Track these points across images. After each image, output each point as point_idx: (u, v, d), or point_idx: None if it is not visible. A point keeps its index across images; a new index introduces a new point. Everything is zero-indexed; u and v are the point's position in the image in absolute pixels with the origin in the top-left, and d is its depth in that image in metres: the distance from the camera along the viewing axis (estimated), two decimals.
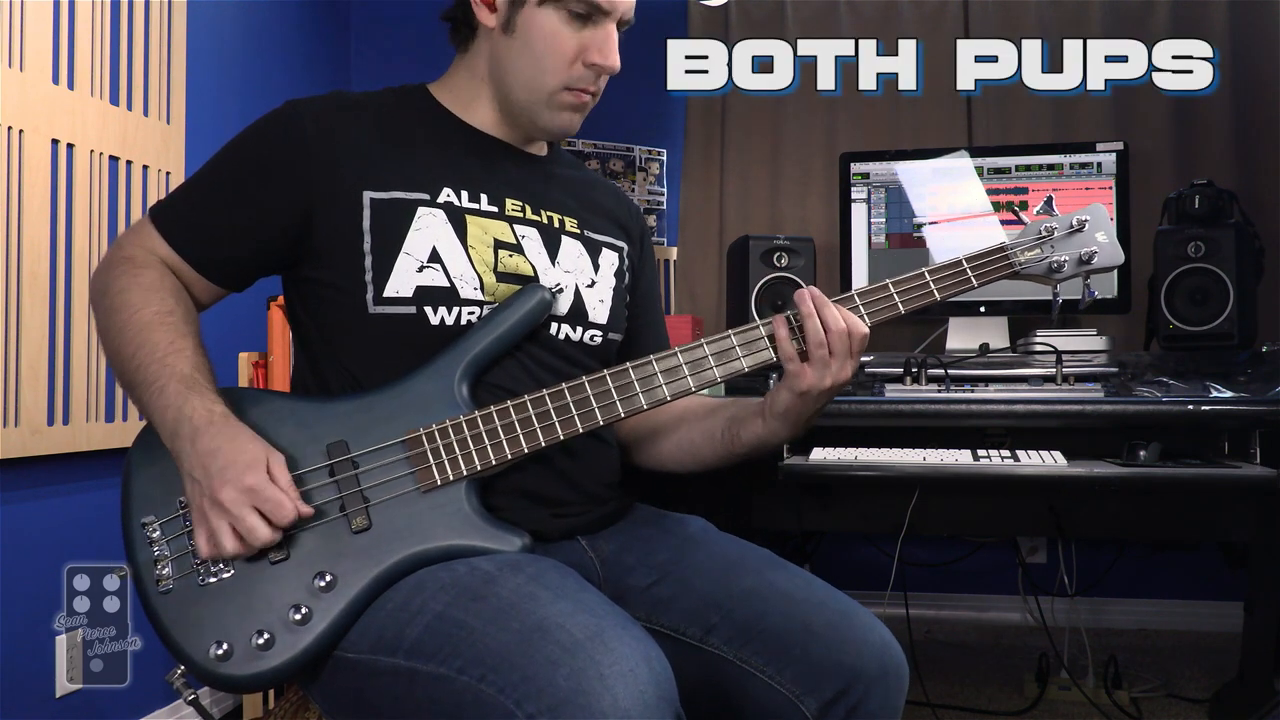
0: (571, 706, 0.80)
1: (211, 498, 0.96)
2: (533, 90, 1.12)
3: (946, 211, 2.23)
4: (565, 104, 1.13)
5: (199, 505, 0.97)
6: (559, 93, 1.12)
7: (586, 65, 1.10)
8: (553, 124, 1.14)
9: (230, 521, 0.95)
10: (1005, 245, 1.13)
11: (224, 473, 0.95)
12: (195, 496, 0.98)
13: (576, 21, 1.09)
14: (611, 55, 1.10)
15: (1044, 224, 1.13)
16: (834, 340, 1.07)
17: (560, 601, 0.89)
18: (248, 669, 0.97)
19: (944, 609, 2.77)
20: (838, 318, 1.07)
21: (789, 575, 1.09)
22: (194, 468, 0.97)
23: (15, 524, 1.73)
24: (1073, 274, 1.13)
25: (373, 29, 2.93)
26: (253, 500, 0.95)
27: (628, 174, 2.77)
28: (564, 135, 1.17)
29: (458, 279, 1.09)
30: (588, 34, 1.10)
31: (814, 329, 1.07)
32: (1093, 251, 1.12)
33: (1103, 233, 1.13)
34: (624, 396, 1.07)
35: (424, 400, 1.05)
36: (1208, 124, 2.45)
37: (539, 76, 1.11)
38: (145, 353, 1.03)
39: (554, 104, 1.12)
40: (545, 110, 1.13)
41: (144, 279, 1.08)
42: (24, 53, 1.71)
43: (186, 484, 0.99)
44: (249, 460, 0.96)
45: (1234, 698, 2.03)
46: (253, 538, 0.95)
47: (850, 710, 1.00)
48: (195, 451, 0.97)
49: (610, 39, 1.11)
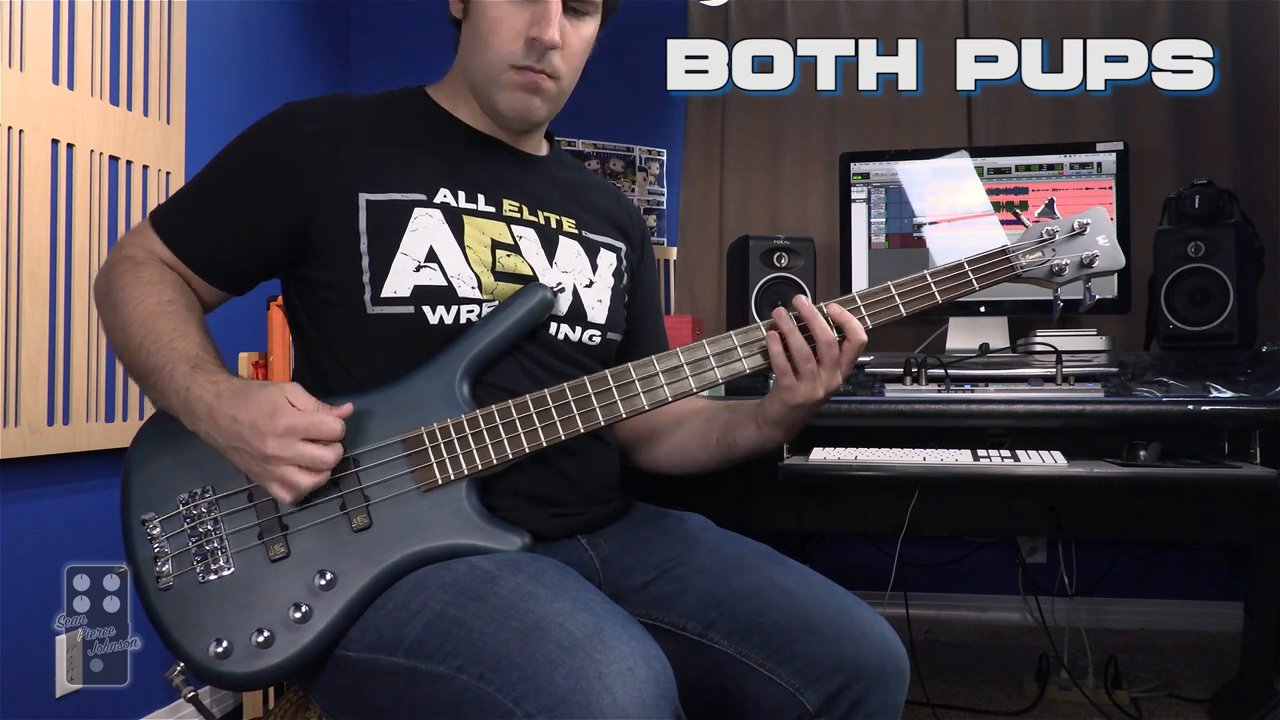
0: (570, 705, 0.80)
1: (261, 456, 0.97)
2: (484, 72, 1.13)
3: (946, 212, 2.23)
4: (514, 83, 1.12)
5: (256, 469, 0.99)
6: (506, 71, 1.11)
7: (527, 41, 1.09)
8: (508, 106, 1.14)
9: (289, 463, 0.97)
10: (1007, 248, 1.13)
11: (256, 430, 0.96)
12: (248, 464, 0.99)
13: (522, 1, 1.09)
14: (547, 29, 1.08)
15: (1045, 227, 1.13)
16: (821, 351, 1.07)
17: (559, 600, 0.89)
18: (247, 667, 0.97)
19: (944, 609, 2.77)
20: (825, 328, 1.07)
21: (789, 571, 1.09)
22: (230, 440, 0.99)
23: (15, 524, 1.73)
24: (1074, 277, 1.14)
25: (373, 29, 2.93)
26: (296, 435, 0.96)
27: (628, 174, 2.77)
28: (526, 120, 1.16)
29: (455, 278, 1.09)
30: (529, 11, 1.09)
31: (799, 344, 1.07)
32: (1094, 255, 1.12)
33: (1104, 236, 1.13)
34: (625, 396, 1.07)
35: (424, 399, 1.05)
36: (1208, 124, 2.45)
37: (487, 56, 1.11)
38: (151, 342, 1.04)
39: (504, 84, 1.12)
40: (498, 92, 1.13)
41: (144, 274, 1.09)
42: (24, 53, 1.71)
43: (231, 457, 1.00)
44: (270, 406, 0.97)
45: (1234, 698, 2.03)
46: (320, 464, 0.97)
47: (852, 705, 1.00)
48: (220, 428, 0.99)
49: (549, 13, 1.08)
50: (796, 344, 1.07)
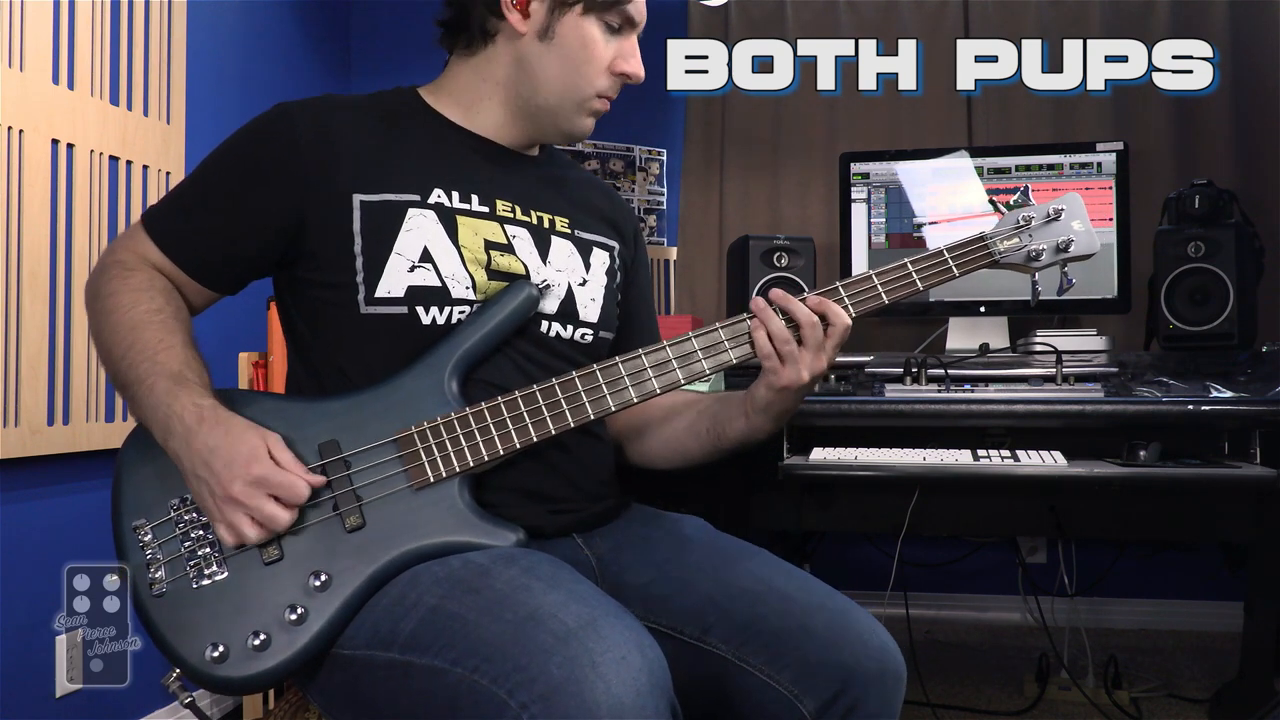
0: (564, 695, 0.80)
1: (224, 495, 0.96)
2: (566, 95, 1.16)
3: (946, 212, 2.23)
4: (593, 110, 1.18)
5: (211, 504, 0.98)
6: (591, 99, 1.16)
7: (615, 74, 1.16)
8: (576, 129, 1.19)
9: (247, 513, 0.96)
10: (984, 234, 1.15)
11: (229, 468, 0.96)
12: (204, 495, 0.98)
13: (610, 32, 1.15)
14: (639, 66, 1.17)
15: (1021, 213, 1.15)
16: (805, 333, 1.08)
17: (553, 592, 0.89)
18: (244, 670, 0.97)
19: (944, 609, 2.77)
20: (805, 311, 1.08)
21: (787, 575, 1.09)
22: (196, 467, 0.98)
23: (15, 524, 1.73)
24: (1051, 262, 1.15)
25: (373, 29, 2.94)
26: (264, 488, 0.96)
27: (628, 174, 2.77)
28: (581, 139, 1.23)
29: (449, 278, 1.09)
30: (616, 44, 1.15)
31: (778, 328, 1.09)
32: (1070, 239, 1.14)
33: (1079, 221, 1.15)
34: (613, 390, 1.08)
35: (414, 398, 1.05)
36: (1208, 124, 2.45)
37: (576, 83, 1.15)
38: (135, 352, 1.03)
39: (584, 109, 1.17)
40: (574, 115, 1.17)
41: (133, 281, 1.08)
42: (24, 53, 1.71)
43: (191, 482, 0.99)
44: (249, 451, 0.97)
45: (1234, 698, 2.03)
46: (274, 524, 0.97)
47: (848, 711, 1.00)
48: (193, 452, 0.98)
49: (636, 50, 1.17)
50: (776, 328, 1.08)
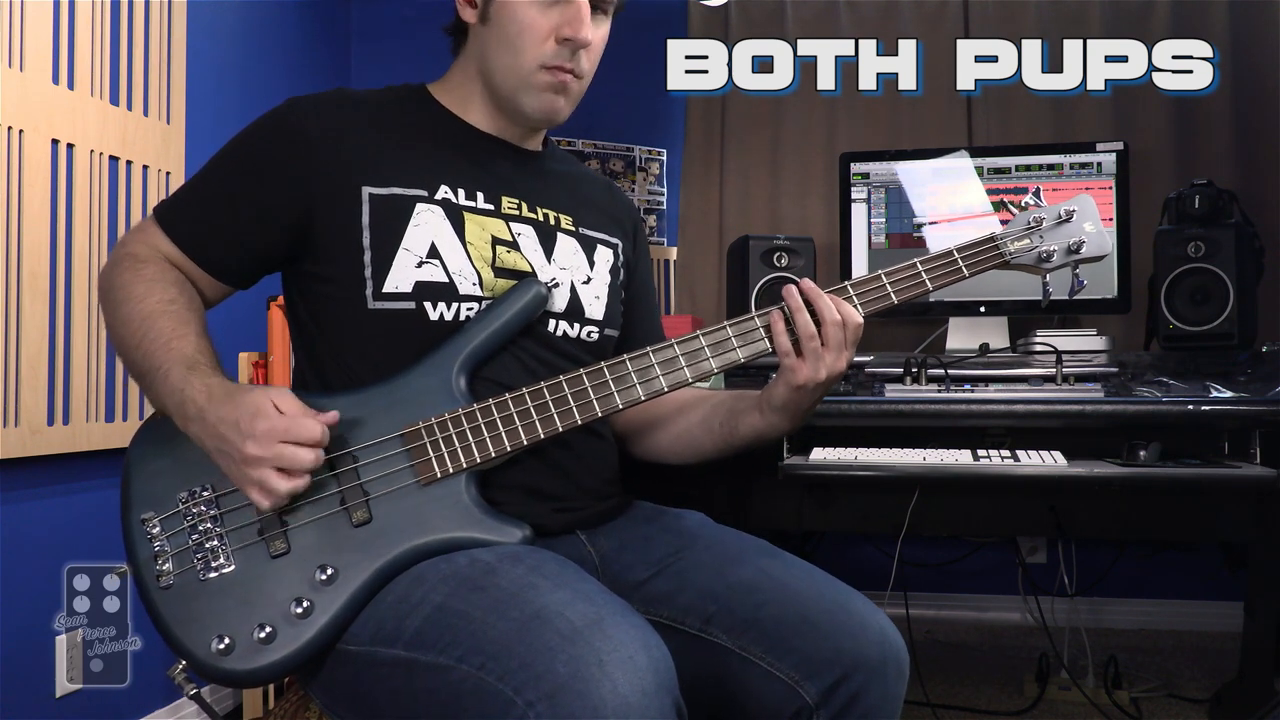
0: (570, 693, 0.80)
1: (242, 458, 0.96)
2: (512, 74, 1.14)
3: (946, 211, 2.23)
4: (544, 84, 1.13)
5: (236, 472, 0.98)
6: (536, 73, 1.13)
7: (559, 41, 1.11)
8: (536, 107, 1.15)
9: (269, 465, 0.96)
10: (995, 235, 1.14)
11: (239, 432, 0.96)
12: (229, 468, 0.99)
13: (548, 3, 1.11)
14: (581, 28, 1.11)
15: (1032, 214, 1.15)
16: (828, 332, 1.08)
17: (559, 590, 0.89)
18: (249, 663, 0.97)
19: (944, 609, 2.77)
20: (831, 308, 1.08)
21: (787, 565, 1.09)
22: (214, 443, 0.99)
23: (15, 524, 1.73)
24: (1062, 263, 1.15)
25: (373, 29, 2.94)
26: (278, 437, 0.96)
27: (628, 174, 2.77)
28: (551, 120, 1.18)
29: (456, 275, 1.09)
30: (558, 11, 1.11)
31: (804, 322, 1.08)
32: (1081, 241, 1.14)
33: (1090, 223, 1.14)
34: (621, 388, 1.08)
35: (422, 394, 1.05)
36: (1208, 124, 2.45)
37: (516, 59, 1.12)
38: (149, 341, 1.04)
39: (533, 85, 1.13)
40: (527, 94, 1.14)
41: (147, 272, 1.09)
42: (24, 53, 1.71)
43: (216, 460, 1.00)
44: (253, 409, 0.97)
45: (1234, 698, 2.03)
46: (297, 464, 0.96)
47: (851, 698, 1.00)
48: (207, 430, 0.99)
49: (580, 13, 1.11)
50: (803, 322, 1.08)
